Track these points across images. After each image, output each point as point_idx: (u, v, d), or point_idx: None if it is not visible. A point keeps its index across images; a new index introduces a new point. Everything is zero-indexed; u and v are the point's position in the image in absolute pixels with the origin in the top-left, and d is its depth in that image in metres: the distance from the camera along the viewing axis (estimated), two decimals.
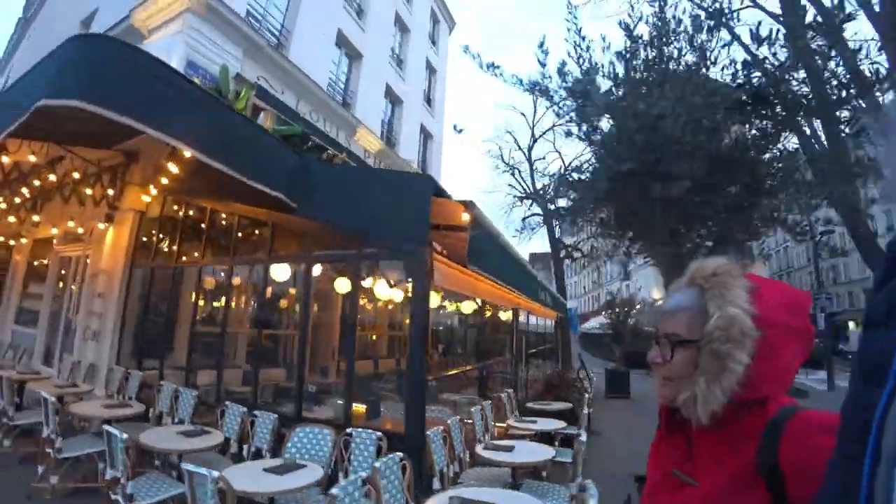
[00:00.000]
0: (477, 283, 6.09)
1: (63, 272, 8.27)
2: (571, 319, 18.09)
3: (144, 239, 6.97)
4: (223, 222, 6.48)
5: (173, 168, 4.92)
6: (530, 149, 17.96)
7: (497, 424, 5.74)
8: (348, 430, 3.97)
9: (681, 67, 8.13)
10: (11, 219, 7.83)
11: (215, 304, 7.49)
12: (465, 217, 4.83)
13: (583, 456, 3.83)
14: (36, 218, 7.66)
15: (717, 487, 0.80)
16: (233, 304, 8.57)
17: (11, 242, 9.09)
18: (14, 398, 4.92)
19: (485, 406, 5.42)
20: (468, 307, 9.52)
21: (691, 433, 0.88)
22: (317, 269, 7.80)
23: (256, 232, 6.19)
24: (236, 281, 7.38)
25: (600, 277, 40.50)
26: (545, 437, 5.21)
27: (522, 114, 18.40)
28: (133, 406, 4.79)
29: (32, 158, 5.28)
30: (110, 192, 6.55)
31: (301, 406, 4.73)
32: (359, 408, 5.25)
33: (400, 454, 3.18)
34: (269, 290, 7.42)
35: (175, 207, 6.83)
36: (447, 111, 18.91)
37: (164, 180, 5.30)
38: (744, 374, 0.79)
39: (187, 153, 4.11)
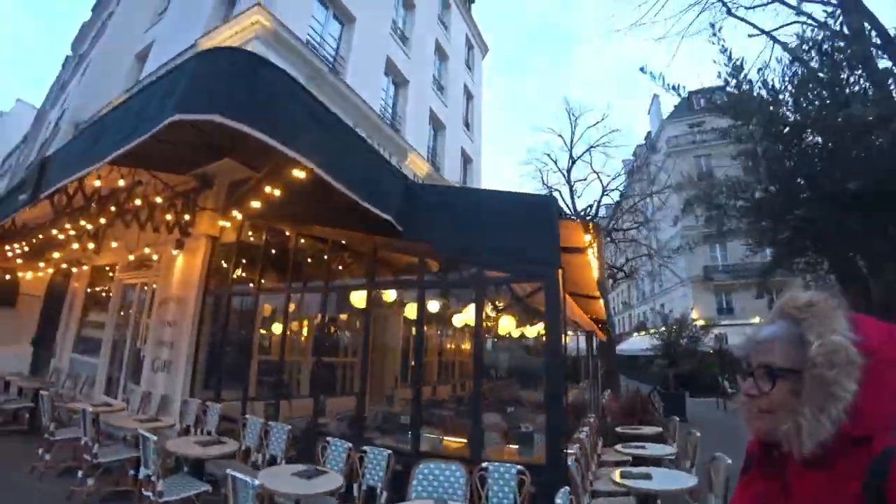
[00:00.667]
0: (573, 305, 5.80)
1: (126, 300, 8.16)
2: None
3: (216, 265, 6.81)
4: (304, 248, 6.28)
5: (269, 191, 4.74)
6: (569, 171, 17.77)
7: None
8: (483, 465, 3.64)
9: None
10: (75, 246, 7.78)
11: (290, 332, 7.25)
12: (587, 238, 4.56)
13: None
14: (91, 245, 7.57)
15: None
16: (304, 331, 8.40)
17: (73, 269, 9.04)
18: (95, 433, 4.67)
19: (584, 433, 5.05)
20: (532, 331, 9.13)
21: (788, 472, 0.85)
22: (391, 295, 7.58)
23: (344, 257, 5.99)
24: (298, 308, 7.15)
25: (631, 299, 39.53)
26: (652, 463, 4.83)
27: (560, 136, 18.24)
28: (227, 443, 4.49)
29: (121, 183, 5.18)
30: (186, 217, 6.43)
31: (418, 439, 4.36)
32: (451, 441, 4.89)
33: (567, 488, 2.84)
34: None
35: (250, 233, 6.67)
36: (483, 134, 18.90)
37: (256, 203, 5.13)
38: (851, 405, 0.77)
39: (298, 173, 3.94)
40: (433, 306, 8.23)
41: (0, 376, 7.30)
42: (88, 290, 9.16)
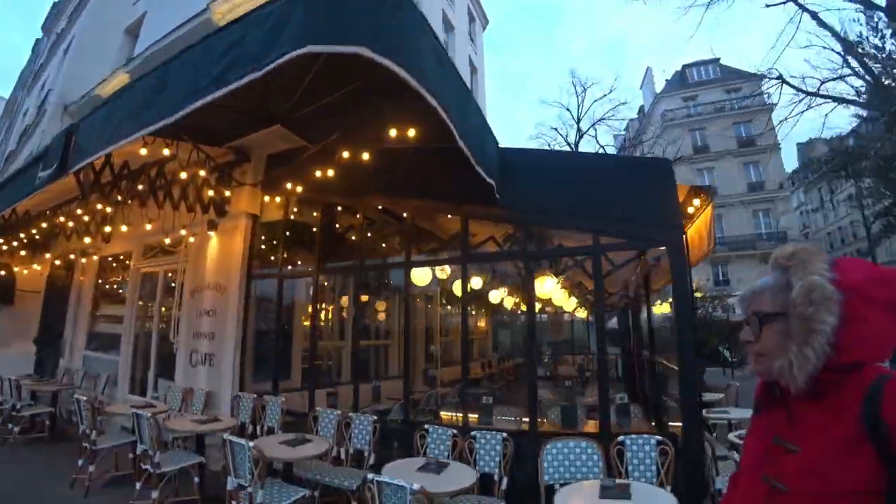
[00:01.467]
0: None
1: (145, 290, 7.49)
2: None
3: (257, 247, 6.20)
4: (357, 224, 5.74)
5: (337, 160, 4.20)
6: (576, 144, 17.40)
7: None
8: (620, 439, 3.38)
9: None
10: (86, 239, 7.03)
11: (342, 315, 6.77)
12: (696, 203, 4.29)
13: None
14: (108, 229, 6.82)
15: (822, 452, 0.85)
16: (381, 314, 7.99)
17: (83, 260, 8.26)
18: (156, 439, 4.11)
19: None
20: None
21: (791, 404, 0.93)
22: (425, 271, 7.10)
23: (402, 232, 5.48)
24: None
25: None
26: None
27: (568, 109, 17.79)
28: (314, 441, 4.01)
29: (167, 152, 4.55)
30: (227, 193, 5.80)
31: (535, 420, 4.02)
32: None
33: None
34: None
35: (295, 210, 6.07)
36: (486, 111, 18.34)
37: (318, 173, 4.57)
38: (833, 337, 0.85)
39: (391, 133, 3.42)
40: (475, 282, 7.83)
41: (15, 381, 6.57)
42: (98, 282, 8.40)
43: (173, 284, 7.05)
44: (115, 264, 8.23)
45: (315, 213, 6.10)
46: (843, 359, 0.85)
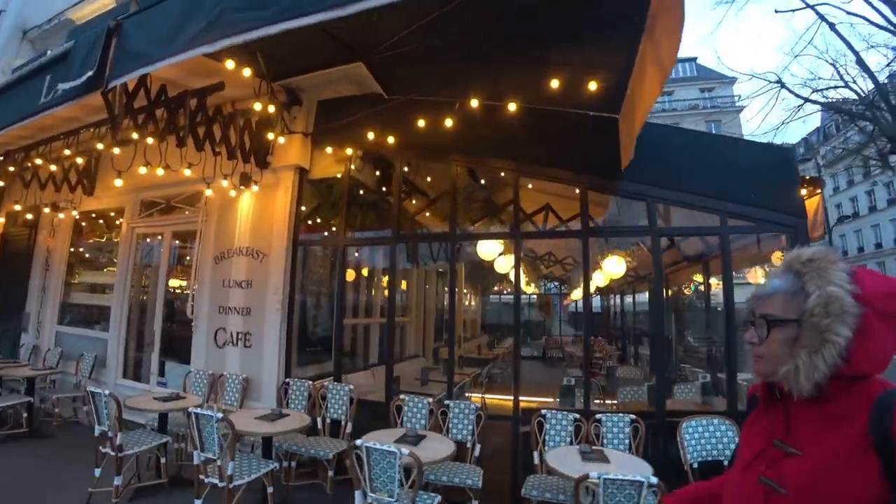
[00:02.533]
0: None
1: (144, 256, 6.26)
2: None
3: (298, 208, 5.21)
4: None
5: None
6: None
7: None
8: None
9: None
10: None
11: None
12: (803, 192, 4.32)
13: None
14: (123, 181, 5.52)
15: (825, 459, 0.84)
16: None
17: (59, 216, 6.79)
18: (231, 444, 3.17)
19: None
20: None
21: (790, 408, 0.94)
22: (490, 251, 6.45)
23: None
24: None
25: None
26: None
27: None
28: (436, 438, 3.26)
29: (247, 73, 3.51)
30: (280, 140, 4.77)
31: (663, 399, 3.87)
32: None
33: None
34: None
35: (352, 167, 5.12)
36: None
37: (424, 122, 3.73)
38: (845, 349, 0.84)
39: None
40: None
41: None
42: (75, 244, 6.98)
43: (184, 248, 5.93)
44: (100, 221, 6.85)
45: (377, 172, 5.21)
46: (851, 370, 0.85)
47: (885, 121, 11.62)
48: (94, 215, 6.84)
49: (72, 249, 6.91)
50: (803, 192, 4.47)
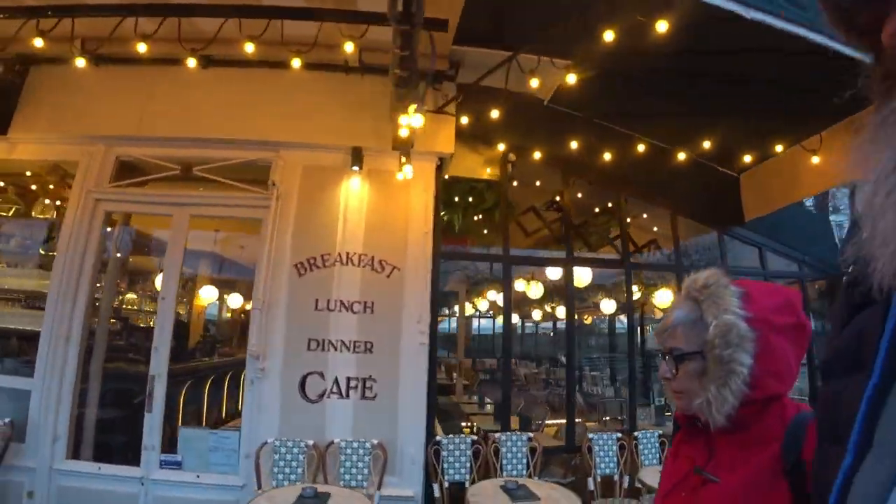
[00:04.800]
0: None
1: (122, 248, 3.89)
2: None
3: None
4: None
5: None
6: None
7: None
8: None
9: None
10: None
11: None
12: None
13: None
14: None
15: (741, 485, 0.85)
16: None
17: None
18: None
19: None
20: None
21: (712, 436, 0.93)
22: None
23: None
24: None
25: None
26: None
27: None
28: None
29: None
30: (415, 116, 3.47)
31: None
32: None
33: None
34: None
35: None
36: None
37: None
38: (749, 376, 0.85)
39: None
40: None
41: None
42: None
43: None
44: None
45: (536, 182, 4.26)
46: (758, 394, 0.86)
47: None
48: None
49: None
50: None
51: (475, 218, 4.23)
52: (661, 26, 2.45)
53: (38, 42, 3.20)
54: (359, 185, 3.68)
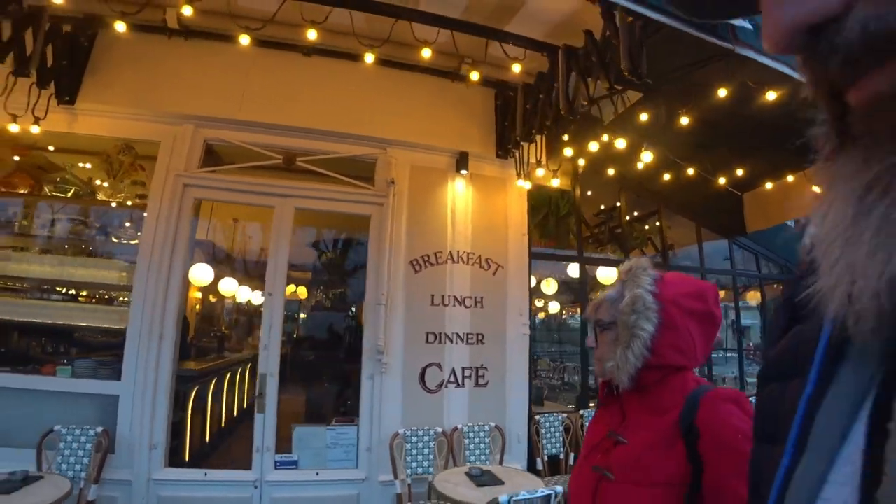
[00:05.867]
0: None
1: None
2: None
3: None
4: None
5: None
6: None
7: None
8: None
9: None
10: None
11: None
12: None
13: None
14: None
15: (642, 444, 0.98)
16: None
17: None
18: None
19: None
20: None
21: (624, 402, 1.07)
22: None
23: None
24: None
25: None
26: None
27: None
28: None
29: None
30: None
31: None
32: None
33: None
34: None
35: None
36: None
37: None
38: (650, 342, 0.99)
39: None
40: None
41: None
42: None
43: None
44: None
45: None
46: (658, 360, 0.99)
47: None
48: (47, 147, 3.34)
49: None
50: None
51: (551, 223, 4.68)
52: (770, 95, 3.09)
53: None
54: (463, 187, 3.91)
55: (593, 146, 3.81)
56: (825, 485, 0.31)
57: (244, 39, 3.19)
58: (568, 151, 3.91)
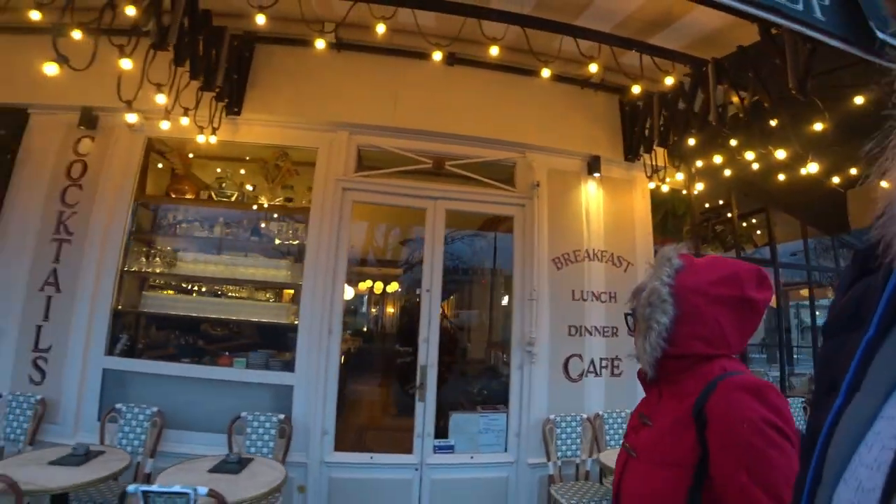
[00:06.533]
0: None
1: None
2: None
3: None
4: None
5: None
6: None
7: None
8: None
9: None
10: None
11: None
12: None
13: None
14: None
15: (663, 427, 1.01)
16: None
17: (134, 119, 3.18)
18: None
19: None
20: None
21: (660, 387, 1.08)
22: None
23: None
24: None
25: None
26: None
27: None
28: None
29: None
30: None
31: None
32: None
33: None
34: None
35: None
36: None
37: None
38: (667, 333, 1.01)
39: None
40: None
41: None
42: (150, 199, 3.44)
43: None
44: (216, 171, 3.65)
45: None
46: (678, 350, 1.01)
47: None
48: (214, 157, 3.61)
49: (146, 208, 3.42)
50: None
51: (669, 223, 4.85)
52: None
53: (260, 19, 3.01)
54: (595, 189, 4.10)
55: (717, 159, 3.97)
56: (877, 419, 0.31)
57: (381, 28, 3.24)
58: (692, 155, 4.07)
